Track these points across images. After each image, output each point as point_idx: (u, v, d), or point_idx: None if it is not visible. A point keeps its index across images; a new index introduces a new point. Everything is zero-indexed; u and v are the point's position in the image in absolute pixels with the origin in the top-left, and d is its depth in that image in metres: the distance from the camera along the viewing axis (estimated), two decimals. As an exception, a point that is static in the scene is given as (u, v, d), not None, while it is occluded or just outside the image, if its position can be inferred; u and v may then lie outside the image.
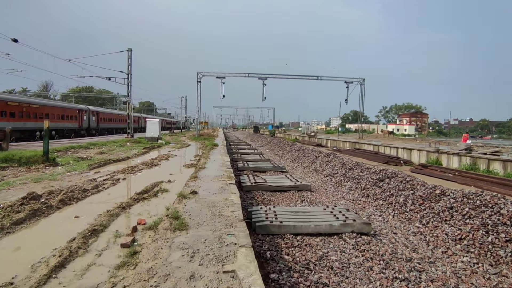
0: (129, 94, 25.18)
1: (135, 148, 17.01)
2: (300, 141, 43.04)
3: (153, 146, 18.65)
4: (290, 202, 9.73)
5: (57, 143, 17.28)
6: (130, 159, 12.67)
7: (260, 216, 7.25)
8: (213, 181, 7.45)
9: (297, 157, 20.94)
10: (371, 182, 10.96)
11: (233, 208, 4.87)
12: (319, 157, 17.92)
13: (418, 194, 8.55)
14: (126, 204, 5.58)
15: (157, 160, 12.55)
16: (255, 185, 11.07)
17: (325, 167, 15.68)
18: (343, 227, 6.76)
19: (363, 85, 36.75)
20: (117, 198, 6.36)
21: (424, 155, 20.74)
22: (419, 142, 35.11)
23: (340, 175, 13.41)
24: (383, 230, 7.23)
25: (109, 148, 15.82)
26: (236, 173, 15.00)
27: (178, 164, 12.09)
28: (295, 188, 11.26)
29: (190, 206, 4.91)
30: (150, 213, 5.25)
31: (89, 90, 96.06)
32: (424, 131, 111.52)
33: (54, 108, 27.69)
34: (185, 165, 11.69)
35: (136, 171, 9.92)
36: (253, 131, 78.65)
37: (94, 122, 37.67)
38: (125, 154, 13.57)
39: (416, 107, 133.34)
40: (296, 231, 6.74)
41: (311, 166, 17.11)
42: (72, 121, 31.49)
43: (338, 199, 10.56)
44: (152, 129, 22.56)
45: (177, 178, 8.96)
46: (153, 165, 11.13)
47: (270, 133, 60.49)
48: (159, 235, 3.59)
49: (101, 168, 10.14)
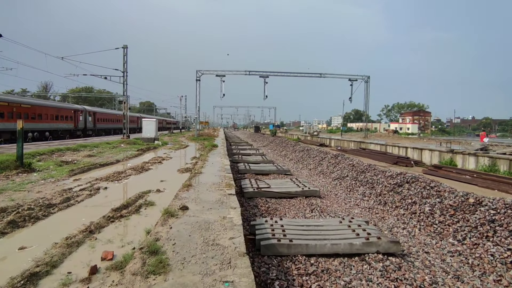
0: (125, 93, 24.07)
1: (129, 149, 15.90)
2: (303, 141, 41.90)
3: (148, 148, 17.53)
4: (298, 211, 8.59)
5: (44, 145, 16.19)
6: (120, 163, 11.56)
7: (266, 231, 6.11)
8: (209, 190, 6.32)
9: (301, 158, 19.79)
10: (388, 188, 9.80)
11: (232, 232, 3.72)
12: (326, 158, 16.76)
13: (447, 203, 7.39)
14: (96, 225, 4.43)
15: (150, 163, 11.43)
16: (258, 191, 9.94)
17: (333, 169, 14.52)
18: (366, 246, 5.60)
19: (367, 82, 35.57)
20: (88, 215, 5.22)
21: (436, 155, 19.55)
22: (427, 142, 33.90)
23: (351, 179, 12.25)
24: (411, 248, 6.07)
25: (101, 150, 14.72)
26: (237, 176, 13.87)
27: (172, 169, 11.00)
28: (302, 194, 10.12)
29: (176, 229, 3.78)
30: (123, 240, 4.09)
31: (89, 90, 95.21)
32: (427, 129, 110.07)
33: (47, 108, 26.59)
34: (180, 169, 10.56)
35: (123, 177, 8.79)
36: (254, 131, 77.55)
37: (91, 122, 36.60)
38: (116, 157, 12.46)
39: (419, 106, 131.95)
40: (309, 251, 5.60)
41: (317, 168, 15.95)
42: (67, 122, 30.41)
43: (351, 207, 9.40)
44: (148, 129, 21.43)
45: (169, 186, 7.85)
46: (143, 170, 10.01)
47: (272, 133, 59.38)
48: (123, 286, 2.46)
49: (84, 174, 9.03)
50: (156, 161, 12.15)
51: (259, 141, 43.00)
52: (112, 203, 5.92)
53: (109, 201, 6.16)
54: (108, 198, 6.60)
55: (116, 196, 6.64)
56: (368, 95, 35.67)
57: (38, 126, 25.23)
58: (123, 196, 6.45)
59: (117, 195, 6.79)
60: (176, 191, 6.34)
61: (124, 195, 6.54)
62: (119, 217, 4.93)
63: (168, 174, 10.01)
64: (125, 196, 6.38)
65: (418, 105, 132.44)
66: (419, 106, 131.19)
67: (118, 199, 6.13)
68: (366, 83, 35.58)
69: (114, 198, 6.39)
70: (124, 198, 6.29)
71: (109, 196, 6.76)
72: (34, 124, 24.58)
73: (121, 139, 22.00)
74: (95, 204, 6.05)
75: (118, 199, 6.16)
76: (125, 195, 6.49)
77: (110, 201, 6.18)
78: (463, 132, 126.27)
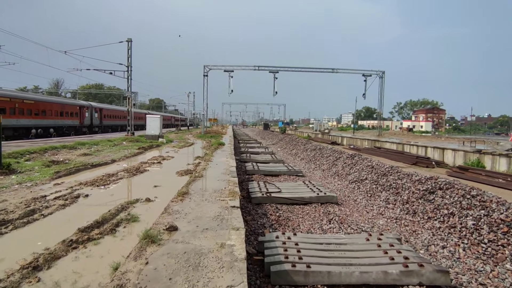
0: (129, 88, 23.21)
1: (129, 148, 14.97)
2: (313, 139, 40.55)
3: (151, 146, 16.58)
4: (313, 222, 7.43)
5: (41, 142, 15.39)
6: (116, 163, 10.57)
7: (277, 252, 4.97)
8: (208, 200, 5.20)
9: (313, 158, 18.54)
10: (417, 194, 8.52)
11: (232, 274, 2.56)
12: (341, 158, 15.48)
13: (497, 216, 6.10)
14: (47, 256, 3.28)
15: (147, 164, 10.42)
16: (267, 196, 8.80)
17: (350, 170, 13.25)
18: (404, 276, 4.40)
19: (382, 78, 33.91)
20: (47, 237, 4.07)
21: (460, 155, 18.02)
22: (445, 140, 32.14)
23: (371, 182, 10.98)
24: (460, 277, 4.85)
25: (99, 148, 13.82)
26: (244, 177, 12.76)
27: (171, 170, 9.95)
28: (317, 201, 8.94)
29: (153, 266, 2.65)
30: (77, 284, 2.90)
31: (99, 87, 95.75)
32: (441, 128, 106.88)
33: (51, 104, 26.00)
34: (180, 171, 9.47)
35: (112, 181, 7.73)
36: (263, 128, 76.42)
37: (97, 119, 36.06)
38: (113, 156, 11.51)
39: (432, 103, 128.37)
40: (332, 280, 4.43)
41: (332, 169, 14.70)
42: (72, 118, 29.84)
43: (374, 216, 8.17)
44: (152, 126, 20.51)
45: (162, 193, 6.77)
46: (138, 172, 8.97)
47: (281, 130, 58.17)
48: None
49: (69, 177, 8.05)
50: (155, 161, 11.14)
51: (268, 139, 41.82)
52: (86, 217, 4.75)
53: (83, 215, 4.89)
54: (84, 210, 5.44)
55: (95, 207, 5.44)
56: (382, 91, 34.05)
57: (42, 122, 24.64)
58: (104, 206, 5.39)
59: (96, 206, 5.60)
60: (169, 200, 5.27)
61: (105, 206, 5.48)
62: (86, 240, 3.79)
63: (165, 177, 8.96)
64: (107, 207, 5.32)
65: (432, 102, 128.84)
66: (432, 104, 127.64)
67: (95, 212, 5.00)
68: (381, 78, 33.94)
69: (91, 211, 5.15)
70: (104, 209, 5.21)
71: (86, 208, 5.63)
72: (37, 121, 23.99)
73: (124, 137, 21.16)
74: (64, 219, 4.85)
75: (95, 212, 5.03)
76: (106, 206, 5.43)
77: (84, 215, 4.92)
78: (478, 131, 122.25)
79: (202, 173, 7.81)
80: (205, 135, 29.54)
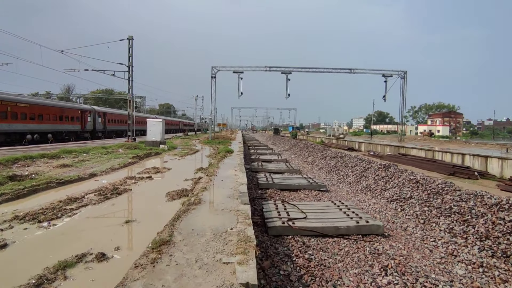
0: (130, 90, 21.32)
1: (124, 156, 12.92)
2: (327, 144, 38.06)
3: (149, 154, 14.49)
4: (360, 271, 5.09)
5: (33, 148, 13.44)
6: (94, 178, 8.40)
7: None
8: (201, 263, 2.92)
9: (334, 167, 16.14)
10: (502, 227, 6.08)
11: None
12: (371, 168, 13.07)
13: None
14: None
15: (134, 180, 8.21)
16: (290, 226, 6.51)
17: (385, 185, 10.84)
18: None
19: (404, 78, 31.26)
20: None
21: (510, 165, 15.32)
22: (476, 146, 29.22)
23: (420, 203, 8.56)
24: None
25: (87, 157, 11.81)
26: (256, 192, 10.50)
27: (161, 190, 7.59)
28: (357, 232, 6.61)
29: None
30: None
31: (110, 92, 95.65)
32: (458, 132, 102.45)
33: (49, 108, 24.36)
34: (171, 193, 7.04)
35: (67, 212, 5.26)
36: (273, 133, 74.13)
37: (101, 123, 34.45)
38: (97, 168, 9.43)
39: (449, 107, 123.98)
40: None
41: (361, 182, 12.30)
42: (73, 123, 28.22)
43: (444, 259, 5.76)
44: (153, 131, 18.46)
45: (131, 240, 4.47)
46: (114, 194, 6.62)
47: (292, 135, 55.76)
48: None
49: (13, 203, 5.81)
50: (146, 176, 8.91)
51: (280, 144, 39.49)
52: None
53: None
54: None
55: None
56: (405, 93, 31.37)
57: (38, 127, 22.98)
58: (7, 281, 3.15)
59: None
60: (138, 255, 3.09)
61: (14, 274, 3.23)
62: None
63: (149, 203, 6.62)
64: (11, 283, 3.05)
65: (448, 106, 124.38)
66: (449, 107, 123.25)
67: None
68: (403, 79, 31.30)
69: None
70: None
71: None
72: (33, 125, 22.32)
73: (123, 143, 19.21)
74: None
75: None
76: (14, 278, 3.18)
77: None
78: (497, 135, 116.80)
79: (200, 197, 5.57)
80: (212, 141, 27.44)
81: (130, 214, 5.59)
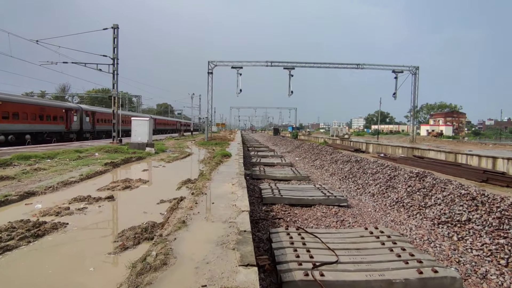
0: (115, 85, 18.89)
1: (96, 163, 10.51)
2: (332, 145, 35.76)
3: (129, 159, 12.06)
4: None
5: None
6: (27, 200, 5.82)
7: None
8: None
9: (350, 174, 13.78)
10: None
11: None
12: (398, 177, 10.70)
13: None
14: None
15: (85, 203, 5.68)
16: (320, 284, 4.13)
17: (424, 200, 8.48)
18: None
19: (415, 74, 28.96)
20: None
21: (558, 171, 13.01)
22: (494, 147, 26.98)
23: (487, 231, 6.19)
24: None
25: (47, 165, 9.41)
26: (260, 209, 8.14)
27: (114, 225, 4.96)
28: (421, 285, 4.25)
29: None
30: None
31: (106, 91, 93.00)
32: (461, 132, 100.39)
33: (25, 106, 21.86)
34: (124, 234, 4.31)
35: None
36: (273, 134, 71.82)
37: (89, 123, 31.97)
38: (46, 183, 6.99)
39: (451, 106, 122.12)
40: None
41: (388, 195, 9.93)
42: (56, 123, 25.74)
43: None
44: (139, 132, 16.00)
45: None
46: (34, 236, 3.73)
47: (292, 135, 53.45)
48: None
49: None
50: (104, 196, 6.21)
51: (281, 145, 37.11)
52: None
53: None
54: None
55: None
56: (416, 90, 29.04)
57: (13, 127, 20.50)
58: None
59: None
60: None
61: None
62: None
63: (75, 261, 3.61)
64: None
65: (450, 105, 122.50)
66: (450, 107, 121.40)
67: None
68: (414, 75, 28.99)
69: None
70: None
71: None
72: (5, 125, 19.83)
73: (105, 145, 16.77)
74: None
75: None
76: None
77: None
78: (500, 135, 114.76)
79: (169, 248, 3.03)
80: (209, 142, 25.02)
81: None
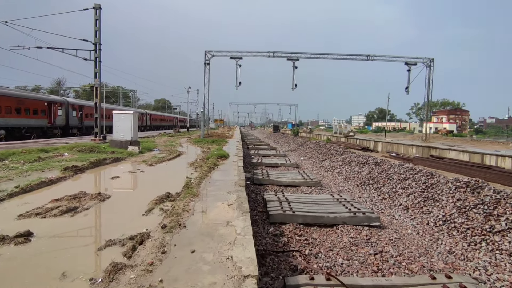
0: (97, 74, 16.58)
1: (58, 166, 8.29)
2: (336, 143, 33.59)
3: (102, 161, 9.78)
4: None
5: None
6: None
7: None
8: None
9: (370, 178, 11.58)
10: None
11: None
12: (438, 185, 8.50)
13: None
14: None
15: None
16: None
17: (487, 221, 6.29)
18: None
19: (430, 67, 26.71)
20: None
21: None
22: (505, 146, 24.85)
23: None
24: None
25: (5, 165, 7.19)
26: (266, 233, 5.96)
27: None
28: None
29: None
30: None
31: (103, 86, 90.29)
32: (464, 130, 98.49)
33: (0, 98, 19.54)
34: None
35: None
36: (273, 131, 69.61)
37: (76, 118, 29.64)
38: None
39: (453, 104, 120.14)
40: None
41: (430, 210, 7.73)
42: (36, 117, 23.42)
43: None
44: (121, 127, 13.72)
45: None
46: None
47: (293, 133, 51.14)
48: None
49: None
50: (23, 231, 3.95)
51: (283, 143, 34.91)
52: None
53: None
54: None
55: None
56: (431, 84, 26.80)
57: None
58: None
59: None
60: None
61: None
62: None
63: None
64: None
65: (453, 103, 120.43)
66: (453, 104, 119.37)
67: None
68: (428, 68, 26.75)
69: None
70: None
71: None
72: (-26, 119, 17.58)
73: (84, 142, 14.51)
74: None
75: None
76: None
77: None
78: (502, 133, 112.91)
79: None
80: (204, 140, 22.79)
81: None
